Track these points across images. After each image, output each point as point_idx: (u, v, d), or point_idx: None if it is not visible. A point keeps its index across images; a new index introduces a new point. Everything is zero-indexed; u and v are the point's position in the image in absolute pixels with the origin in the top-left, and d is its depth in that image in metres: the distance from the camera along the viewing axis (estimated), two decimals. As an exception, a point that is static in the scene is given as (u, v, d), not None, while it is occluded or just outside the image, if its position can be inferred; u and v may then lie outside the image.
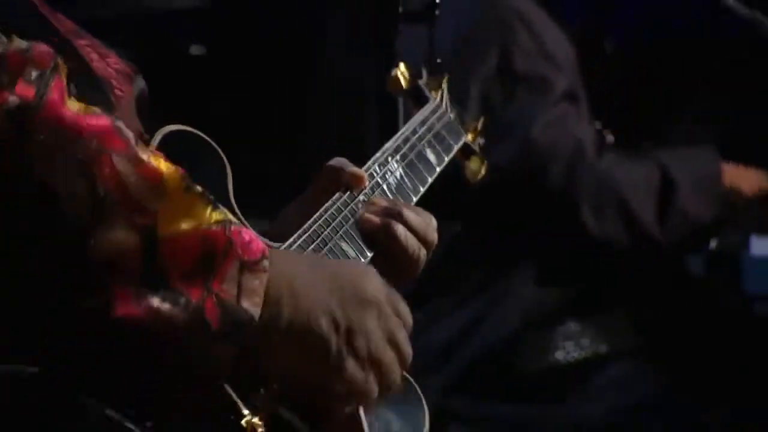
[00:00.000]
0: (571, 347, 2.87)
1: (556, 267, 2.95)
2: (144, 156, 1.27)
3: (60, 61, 1.26)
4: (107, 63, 1.56)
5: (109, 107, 1.45)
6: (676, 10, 4.00)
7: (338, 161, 1.65)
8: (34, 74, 1.22)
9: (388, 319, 1.43)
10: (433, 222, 1.64)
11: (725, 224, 2.99)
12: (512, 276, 2.92)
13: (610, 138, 3.02)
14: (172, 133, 1.46)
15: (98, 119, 1.25)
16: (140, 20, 3.38)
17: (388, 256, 1.58)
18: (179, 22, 3.51)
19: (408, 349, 1.46)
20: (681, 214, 2.90)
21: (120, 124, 1.27)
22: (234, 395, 1.34)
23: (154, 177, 1.26)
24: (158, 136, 1.45)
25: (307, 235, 1.53)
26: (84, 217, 1.21)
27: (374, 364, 1.41)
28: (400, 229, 1.59)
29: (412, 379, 1.59)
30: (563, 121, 2.90)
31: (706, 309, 3.07)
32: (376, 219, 1.59)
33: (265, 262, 1.32)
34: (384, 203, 1.64)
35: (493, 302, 2.89)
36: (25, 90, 1.21)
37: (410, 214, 1.61)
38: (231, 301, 1.28)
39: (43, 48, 1.25)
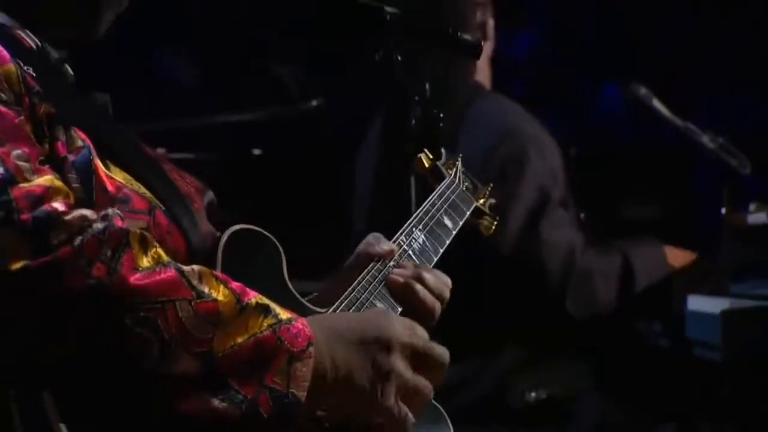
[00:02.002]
0: (545, 388, 2.84)
1: (536, 329, 2.91)
2: (204, 290, 1.25)
3: (130, 232, 1.24)
4: (186, 182, 1.56)
5: (192, 219, 1.46)
6: (624, 122, 4.03)
7: (373, 236, 1.65)
8: (108, 253, 1.20)
9: (412, 347, 1.40)
10: (449, 282, 1.62)
11: (669, 291, 2.97)
12: (504, 334, 2.88)
13: (582, 216, 3.02)
14: (235, 231, 1.45)
15: (165, 272, 1.24)
16: (217, 129, 3.42)
17: (410, 308, 1.56)
18: (245, 131, 3.54)
19: (439, 353, 1.42)
20: (637, 295, 2.89)
21: (185, 269, 1.26)
22: None
23: (211, 311, 1.24)
24: (226, 235, 1.44)
25: (348, 299, 1.51)
26: (154, 357, 1.20)
27: (408, 393, 1.38)
28: (418, 287, 1.56)
29: (439, 406, 1.57)
30: (561, 224, 2.88)
31: (654, 351, 3.06)
32: (400, 279, 1.57)
33: (311, 348, 1.29)
34: (408, 268, 1.61)
35: (489, 354, 2.86)
36: (99, 271, 1.19)
37: (428, 276, 1.59)
38: (281, 391, 1.26)
39: (117, 227, 1.24)
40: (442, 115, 2.06)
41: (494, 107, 3.01)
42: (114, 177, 1.39)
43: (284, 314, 1.30)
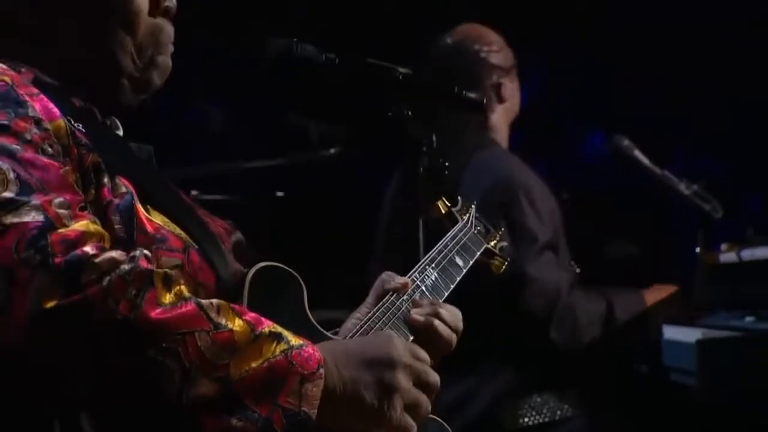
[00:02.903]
0: (535, 414, 2.82)
1: (527, 358, 2.88)
2: (222, 321, 1.26)
3: (154, 272, 1.25)
4: (216, 224, 1.57)
5: (222, 257, 1.47)
6: (609, 170, 4.05)
7: (387, 274, 1.66)
8: (133, 292, 1.21)
9: (412, 367, 1.41)
10: (459, 314, 1.63)
11: (648, 330, 2.97)
12: (498, 362, 2.87)
13: (577, 269, 2.97)
14: (261, 267, 1.46)
15: (185, 306, 1.24)
16: (242, 174, 3.44)
17: (429, 341, 1.56)
18: (268, 175, 3.56)
19: (433, 377, 1.44)
20: (617, 338, 2.88)
21: (204, 303, 1.26)
22: None
23: (227, 340, 1.25)
24: (252, 270, 1.45)
25: (363, 329, 1.53)
26: (176, 383, 1.21)
27: (410, 407, 1.39)
28: (437, 323, 1.58)
29: (443, 422, 1.59)
30: (548, 265, 2.87)
31: (634, 378, 3.06)
32: (421, 318, 1.58)
33: (321, 370, 1.30)
34: (426, 305, 1.61)
35: (485, 379, 2.84)
36: (124, 308, 1.20)
37: (445, 312, 1.60)
38: (294, 409, 1.26)
39: (142, 268, 1.24)
40: (447, 164, 2.12)
41: (493, 157, 2.99)
42: (153, 219, 1.41)
43: (296, 340, 1.31)
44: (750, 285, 3.10)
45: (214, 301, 1.28)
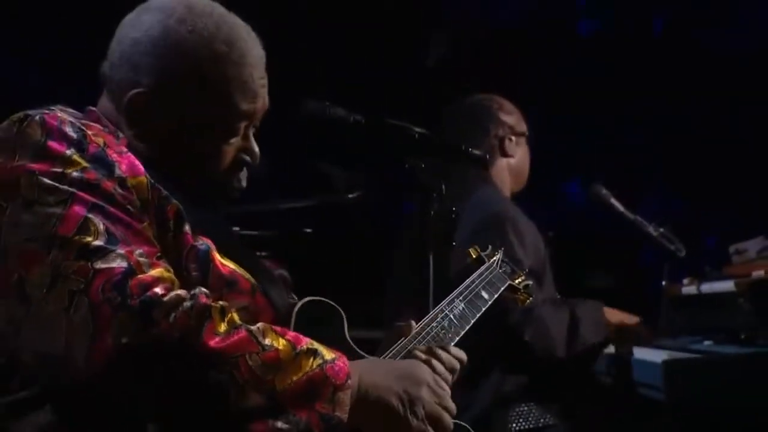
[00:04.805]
0: (522, 421, 2.81)
1: (514, 371, 2.86)
2: (268, 342, 1.31)
3: (212, 306, 1.29)
4: (268, 264, 1.63)
5: (279, 294, 1.53)
6: (588, 212, 4.12)
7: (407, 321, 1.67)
8: (194, 324, 1.26)
9: (435, 390, 1.47)
10: (462, 355, 1.63)
11: (606, 345, 2.92)
12: (488, 376, 2.86)
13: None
14: (307, 301, 1.52)
15: (238, 333, 1.29)
16: (277, 213, 3.50)
17: None
18: (298, 214, 3.62)
19: (451, 404, 1.49)
20: (582, 340, 2.82)
21: (252, 329, 1.31)
22: None
23: (274, 359, 1.30)
24: (299, 303, 1.50)
25: (391, 353, 1.59)
26: (232, 398, 1.26)
27: (431, 419, 1.44)
28: (433, 362, 1.56)
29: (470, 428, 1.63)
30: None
31: (608, 391, 3.07)
32: (423, 356, 1.58)
33: (350, 381, 1.36)
34: (427, 350, 1.60)
35: (479, 391, 2.84)
36: (188, 339, 1.25)
37: (442, 353, 1.59)
38: (328, 413, 1.32)
39: (201, 302, 1.28)
40: (454, 209, 2.18)
41: (486, 196, 3.01)
42: (227, 264, 1.47)
43: (329, 355, 1.36)
44: (708, 314, 3.16)
45: (260, 325, 1.34)
